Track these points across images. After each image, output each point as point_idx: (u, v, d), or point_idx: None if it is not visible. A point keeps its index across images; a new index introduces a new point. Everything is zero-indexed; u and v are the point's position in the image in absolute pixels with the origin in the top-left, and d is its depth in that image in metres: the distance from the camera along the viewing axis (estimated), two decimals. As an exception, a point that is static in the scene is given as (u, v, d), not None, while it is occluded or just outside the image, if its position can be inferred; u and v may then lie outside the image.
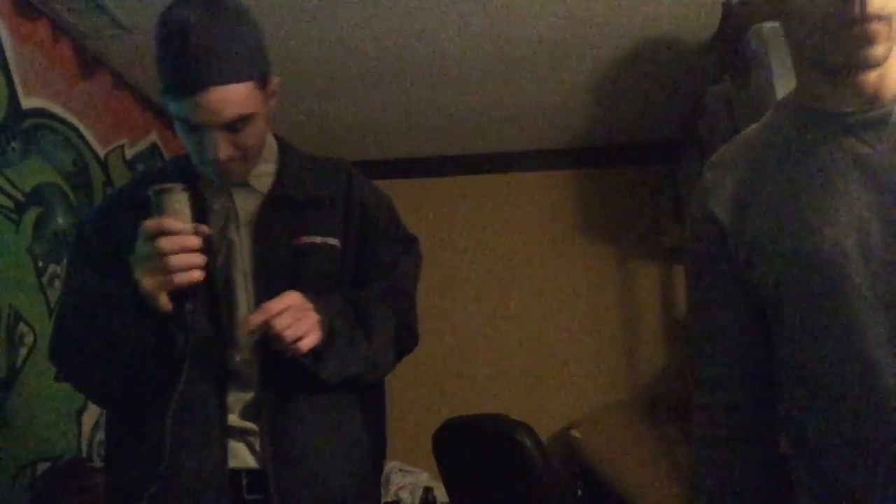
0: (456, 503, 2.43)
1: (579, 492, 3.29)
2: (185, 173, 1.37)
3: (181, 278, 1.17)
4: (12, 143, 2.18)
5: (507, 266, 3.70)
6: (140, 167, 2.96)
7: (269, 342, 1.22)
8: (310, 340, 1.22)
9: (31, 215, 2.25)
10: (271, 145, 1.45)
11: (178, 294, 1.19)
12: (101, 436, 2.57)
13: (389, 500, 3.26)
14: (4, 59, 2.15)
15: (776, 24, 2.17)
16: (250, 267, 1.34)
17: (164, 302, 1.19)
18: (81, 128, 2.56)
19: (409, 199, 3.77)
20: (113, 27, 2.45)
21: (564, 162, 3.78)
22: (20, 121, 2.22)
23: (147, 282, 1.17)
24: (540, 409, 3.44)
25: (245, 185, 1.39)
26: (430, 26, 2.54)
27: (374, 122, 3.32)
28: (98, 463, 2.49)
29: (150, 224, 1.18)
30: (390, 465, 3.42)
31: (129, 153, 2.89)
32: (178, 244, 1.17)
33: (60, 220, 2.39)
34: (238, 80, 1.24)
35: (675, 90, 3.07)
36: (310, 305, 1.24)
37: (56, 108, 2.42)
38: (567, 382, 3.60)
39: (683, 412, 3.29)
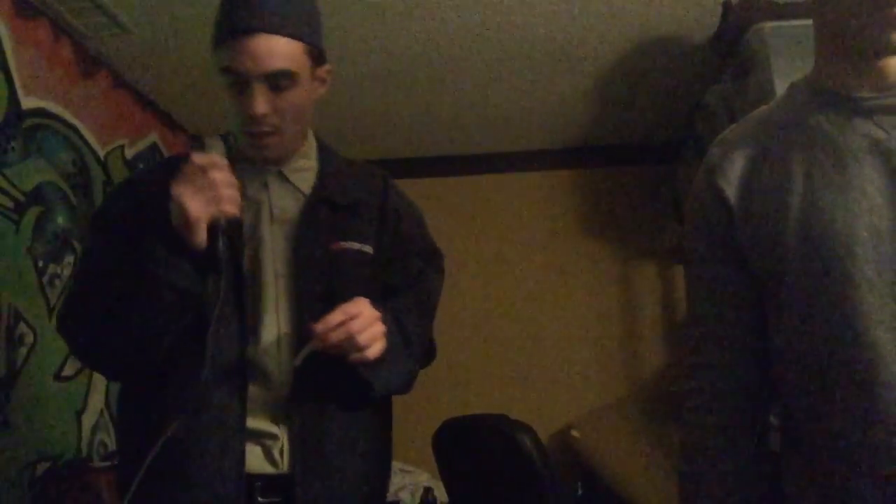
0: (456, 503, 2.43)
1: (579, 492, 3.29)
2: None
3: (230, 208, 1.18)
4: (12, 143, 2.18)
5: (507, 266, 3.70)
6: (140, 167, 2.96)
7: (329, 346, 1.19)
8: (377, 349, 1.21)
9: (31, 215, 2.25)
10: (311, 142, 1.43)
11: (212, 232, 1.18)
12: (101, 436, 2.58)
13: (389, 500, 3.26)
14: (4, 59, 2.15)
15: (776, 23, 2.18)
16: (285, 268, 1.30)
17: (203, 236, 1.17)
18: (81, 128, 2.56)
19: (409, 199, 3.79)
20: (113, 27, 2.46)
21: (564, 162, 3.78)
22: (20, 121, 2.22)
23: (196, 207, 1.15)
24: (540, 409, 3.44)
25: (282, 178, 1.36)
26: (430, 27, 2.54)
27: (375, 122, 3.32)
28: (98, 463, 2.49)
29: (202, 158, 1.17)
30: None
31: (129, 153, 2.90)
32: (228, 178, 1.18)
33: (60, 220, 2.39)
34: (289, 36, 1.23)
35: (675, 90, 3.07)
36: (378, 314, 1.23)
37: (56, 108, 2.42)
38: (567, 382, 3.60)
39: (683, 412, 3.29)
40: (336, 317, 1.17)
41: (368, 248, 1.36)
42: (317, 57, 1.31)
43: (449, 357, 3.65)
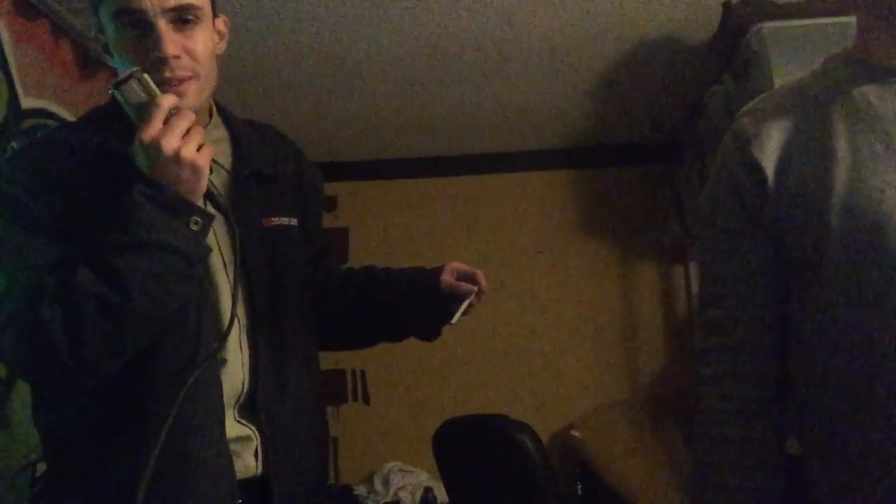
0: (456, 503, 2.43)
1: (579, 492, 3.29)
2: (107, 131, 1.16)
3: (213, 149, 1.08)
4: (12, 143, 2.18)
5: (507, 266, 3.70)
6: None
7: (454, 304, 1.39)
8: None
9: (31, 215, 2.25)
10: (213, 107, 1.29)
11: None
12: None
13: (389, 500, 3.26)
14: (4, 59, 2.15)
15: (776, 24, 2.18)
16: (231, 254, 1.16)
17: (205, 187, 1.06)
18: (81, 128, 2.56)
19: (408, 199, 3.79)
20: (113, 27, 2.45)
21: (564, 162, 3.78)
22: (20, 121, 2.22)
23: (197, 154, 1.03)
24: (540, 409, 3.44)
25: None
26: (430, 26, 2.54)
27: (375, 122, 3.32)
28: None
29: (171, 99, 1.05)
30: (390, 465, 3.43)
31: (129, 153, 2.89)
32: (194, 116, 1.06)
33: (60, 220, 2.39)
34: None
35: (675, 90, 3.07)
36: None
37: (56, 108, 2.42)
38: (567, 382, 3.61)
39: (683, 411, 3.30)
40: (480, 273, 1.41)
41: (294, 221, 1.29)
42: (214, 5, 1.21)
43: (449, 357, 3.66)
